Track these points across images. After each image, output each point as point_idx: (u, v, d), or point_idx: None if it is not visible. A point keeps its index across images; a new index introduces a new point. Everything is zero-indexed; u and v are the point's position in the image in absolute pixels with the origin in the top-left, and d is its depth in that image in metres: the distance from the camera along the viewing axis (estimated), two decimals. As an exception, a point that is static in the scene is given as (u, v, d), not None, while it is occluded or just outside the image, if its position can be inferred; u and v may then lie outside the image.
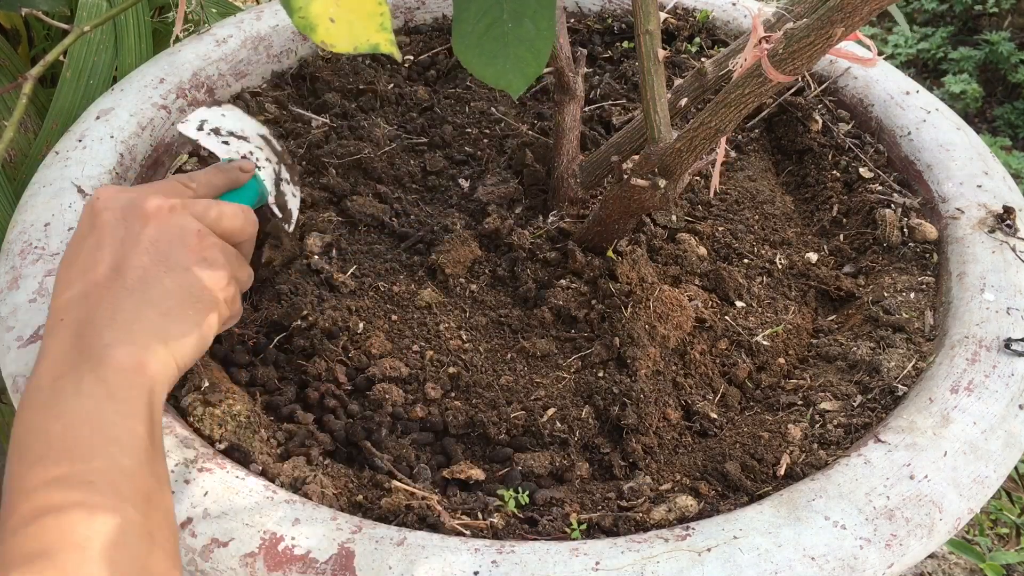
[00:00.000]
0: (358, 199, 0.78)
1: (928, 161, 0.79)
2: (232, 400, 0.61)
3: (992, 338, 0.63)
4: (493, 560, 0.50)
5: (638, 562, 0.50)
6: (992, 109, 2.10)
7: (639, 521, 0.56)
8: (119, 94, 0.81)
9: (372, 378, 0.65)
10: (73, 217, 0.69)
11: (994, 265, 0.68)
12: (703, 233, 0.78)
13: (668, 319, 0.68)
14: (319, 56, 0.94)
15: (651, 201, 0.66)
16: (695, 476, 0.61)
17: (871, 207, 0.78)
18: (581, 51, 0.81)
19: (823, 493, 0.54)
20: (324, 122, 0.86)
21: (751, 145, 0.89)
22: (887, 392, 0.63)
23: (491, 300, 0.72)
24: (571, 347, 0.69)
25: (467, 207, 0.79)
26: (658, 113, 0.63)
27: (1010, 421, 0.58)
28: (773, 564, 0.50)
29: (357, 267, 0.74)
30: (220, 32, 0.90)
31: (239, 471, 0.55)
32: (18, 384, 0.59)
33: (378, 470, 0.60)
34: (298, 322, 0.68)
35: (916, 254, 0.74)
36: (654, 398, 0.65)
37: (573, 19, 1.01)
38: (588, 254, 0.72)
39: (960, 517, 0.54)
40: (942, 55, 2.17)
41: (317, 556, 0.50)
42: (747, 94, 0.57)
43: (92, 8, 0.91)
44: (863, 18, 0.50)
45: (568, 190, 0.77)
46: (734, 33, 0.97)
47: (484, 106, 0.90)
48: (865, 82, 0.87)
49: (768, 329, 0.71)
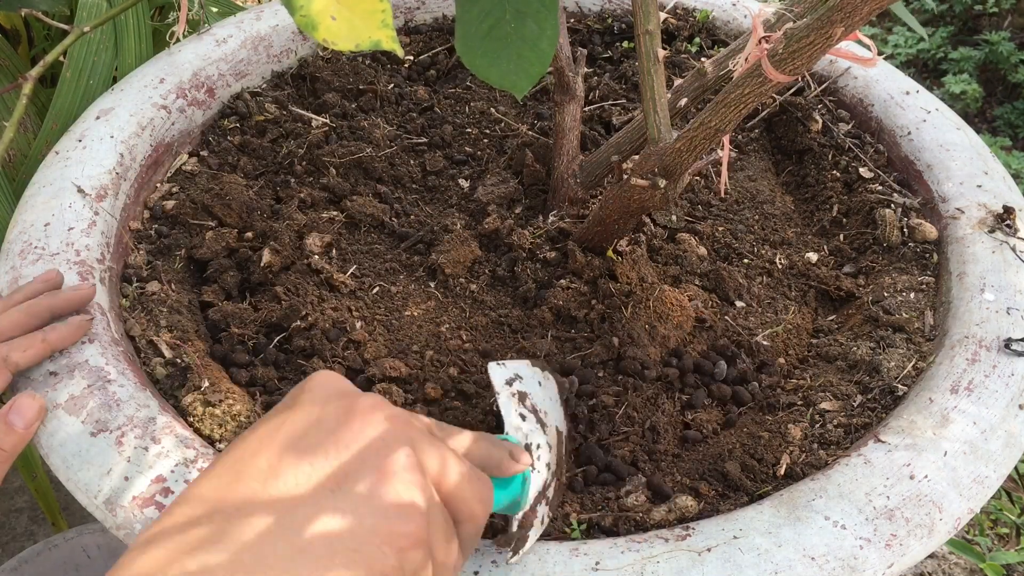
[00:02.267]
0: (358, 199, 0.78)
1: (928, 161, 0.79)
2: (232, 400, 0.61)
3: (992, 338, 0.63)
4: (493, 560, 0.50)
5: (638, 562, 0.50)
6: (992, 109, 2.10)
7: (639, 521, 0.56)
8: (119, 94, 0.81)
9: (372, 378, 0.65)
10: (73, 217, 0.69)
11: (994, 265, 0.68)
12: (703, 233, 0.78)
13: (668, 319, 0.68)
14: (319, 56, 0.94)
15: (651, 201, 0.66)
16: (695, 476, 0.61)
17: (871, 207, 0.78)
18: (581, 51, 0.81)
19: (823, 493, 0.54)
20: (324, 122, 0.86)
21: (751, 145, 0.89)
22: (887, 392, 0.63)
23: (491, 300, 0.72)
24: (571, 347, 0.69)
25: (467, 207, 0.79)
26: (658, 113, 0.63)
27: (1010, 421, 0.58)
28: (773, 564, 0.50)
29: (357, 267, 0.74)
30: (220, 32, 0.90)
31: (239, 471, 0.55)
32: (18, 384, 0.59)
33: (378, 470, 0.60)
34: (298, 322, 0.68)
35: (916, 254, 0.74)
36: (654, 398, 0.65)
37: (573, 19, 1.01)
38: (588, 254, 0.72)
39: (960, 517, 0.54)
40: (942, 55, 2.17)
41: (317, 556, 0.50)
42: (747, 94, 0.57)
43: (92, 8, 0.91)
44: (863, 18, 0.50)
45: (568, 190, 0.77)
46: (734, 33, 0.97)
47: (484, 106, 0.90)
48: (865, 82, 0.88)
49: (768, 329, 0.71)
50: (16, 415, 0.56)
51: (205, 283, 0.73)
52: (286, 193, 0.78)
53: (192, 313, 0.70)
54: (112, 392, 0.58)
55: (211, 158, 0.82)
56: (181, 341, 0.65)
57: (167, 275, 0.71)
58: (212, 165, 0.81)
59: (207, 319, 0.70)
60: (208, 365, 0.64)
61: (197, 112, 0.84)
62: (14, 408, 0.56)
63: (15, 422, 0.55)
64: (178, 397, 0.61)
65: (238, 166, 0.82)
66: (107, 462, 0.54)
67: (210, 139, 0.84)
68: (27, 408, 0.56)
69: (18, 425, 0.55)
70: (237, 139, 0.84)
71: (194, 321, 0.69)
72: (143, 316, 0.67)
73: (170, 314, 0.68)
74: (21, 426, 0.56)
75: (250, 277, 0.72)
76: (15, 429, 0.55)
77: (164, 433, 0.56)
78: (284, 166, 0.82)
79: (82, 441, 0.55)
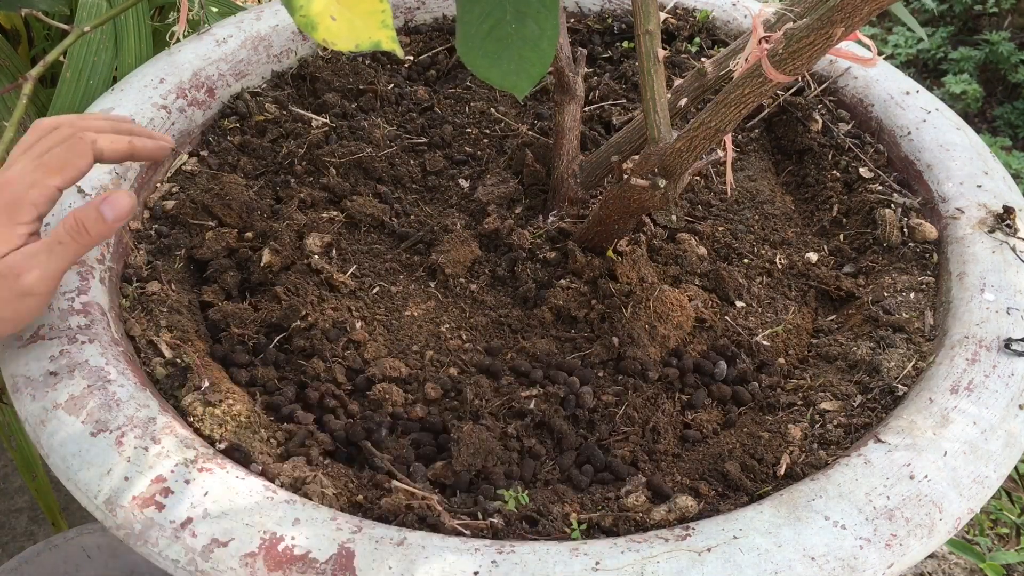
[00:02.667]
0: (358, 199, 0.78)
1: (928, 161, 0.79)
2: (232, 400, 0.61)
3: (992, 338, 0.63)
4: (493, 560, 0.50)
5: (638, 562, 0.50)
6: (992, 109, 2.10)
7: (639, 521, 0.56)
8: (119, 94, 0.81)
9: (372, 378, 0.65)
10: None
11: (994, 265, 0.68)
12: (703, 233, 0.78)
13: (668, 319, 0.68)
14: (319, 56, 0.94)
15: (651, 201, 0.66)
16: (695, 476, 0.61)
17: (871, 207, 0.78)
18: (581, 51, 0.81)
19: (823, 493, 0.54)
20: (324, 122, 0.86)
21: (751, 145, 0.89)
22: (887, 392, 0.63)
23: (491, 300, 0.72)
24: (571, 347, 0.69)
25: (467, 207, 0.79)
26: (658, 113, 0.63)
27: (1010, 421, 0.58)
28: (773, 564, 0.50)
29: (357, 267, 0.74)
30: (220, 32, 0.90)
31: (239, 471, 0.55)
32: (18, 384, 0.59)
33: (378, 470, 0.60)
34: (298, 322, 0.68)
35: (916, 254, 0.74)
36: (654, 398, 0.65)
37: (573, 19, 1.01)
38: (588, 254, 0.72)
39: (960, 517, 0.54)
40: (942, 55, 2.17)
41: (317, 556, 0.50)
42: (747, 94, 0.57)
43: (92, 8, 0.91)
44: (863, 18, 0.50)
45: (568, 190, 0.77)
46: (734, 33, 0.97)
47: (484, 106, 0.90)
48: (865, 82, 0.87)
49: (768, 329, 0.71)
50: (108, 206, 0.59)
51: (205, 283, 0.73)
52: (286, 193, 0.78)
53: (192, 313, 0.70)
54: (112, 392, 0.58)
55: (211, 158, 0.82)
56: (181, 341, 0.65)
57: (167, 275, 0.71)
58: (212, 165, 0.81)
59: (207, 319, 0.70)
60: (208, 365, 0.64)
61: (197, 112, 0.84)
62: (108, 200, 0.59)
63: (106, 212, 0.59)
64: (178, 397, 0.61)
65: (238, 166, 0.82)
66: (107, 462, 0.54)
67: (210, 139, 0.84)
68: (120, 202, 0.60)
69: (108, 216, 0.59)
70: (237, 139, 0.84)
71: (194, 321, 0.69)
72: (143, 316, 0.67)
73: (170, 314, 0.68)
74: (111, 217, 0.59)
75: (250, 277, 0.72)
76: (105, 219, 0.59)
77: (164, 433, 0.56)
78: (284, 166, 0.82)
79: (82, 441, 0.56)
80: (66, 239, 0.59)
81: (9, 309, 0.58)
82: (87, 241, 0.59)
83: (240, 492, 0.53)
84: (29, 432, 0.58)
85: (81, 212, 0.59)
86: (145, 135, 0.67)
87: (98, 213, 0.59)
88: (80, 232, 0.59)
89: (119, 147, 0.63)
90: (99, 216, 0.59)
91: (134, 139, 0.64)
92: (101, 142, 0.62)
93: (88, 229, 0.59)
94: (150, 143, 0.66)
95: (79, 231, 0.59)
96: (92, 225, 0.59)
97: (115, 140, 0.63)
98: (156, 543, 0.51)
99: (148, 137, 0.67)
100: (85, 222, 0.59)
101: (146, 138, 0.66)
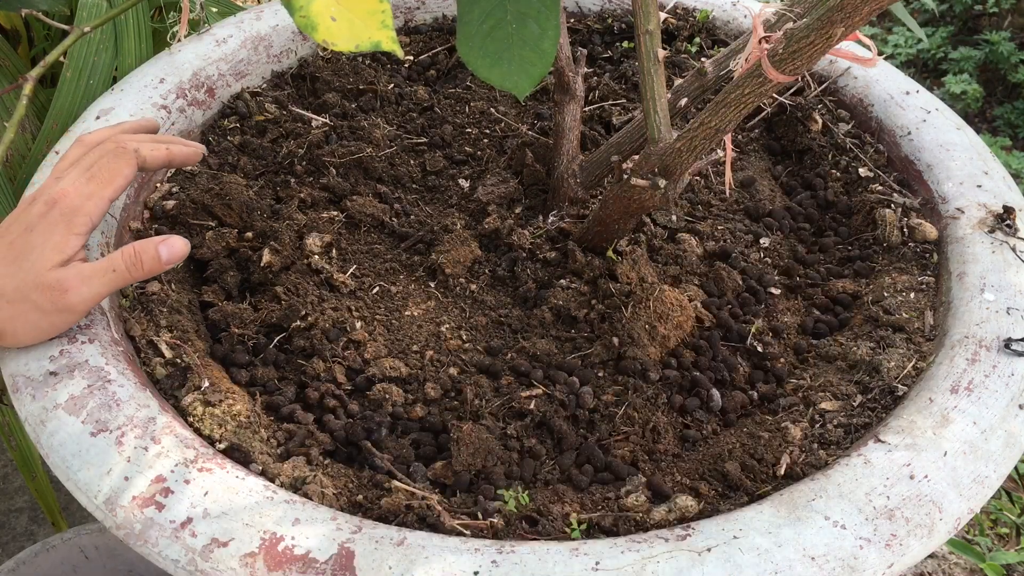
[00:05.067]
0: (358, 199, 0.78)
1: (928, 161, 0.79)
2: (232, 400, 0.61)
3: (992, 338, 0.63)
4: (493, 560, 0.50)
5: (638, 562, 0.50)
6: (992, 109, 2.10)
7: (639, 521, 0.56)
8: (119, 94, 0.81)
9: (372, 378, 0.65)
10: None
11: (994, 265, 0.68)
12: (703, 233, 0.78)
13: (668, 319, 0.68)
14: (319, 56, 0.94)
15: (651, 201, 0.66)
16: (695, 476, 0.61)
17: (871, 207, 0.78)
18: (581, 51, 0.81)
19: (823, 493, 0.54)
20: (324, 122, 0.86)
21: (751, 145, 0.89)
22: (887, 392, 0.63)
23: (491, 300, 0.72)
24: (571, 347, 0.69)
25: (467, 207, 0.79)
26: (658, 113, 0.63)
27: (1010, 421, 0.58)
28: (773, 564, 0.50)
29: (357, 267, 0.74)
30: (220, 32, 0.90)
31: (239, 471, 0.55)
32: (18, 384, 0.59)
33: (378, 470, 0.60)
34: (298, 322, 0.68)
35: (916, 254, 0.74)
36: (654, 398, 0.65)
37: (573, 19, 1.01)
38: (588, 254, 0.72)
39: (960, 517, 0.54)
40: (942, 55, 2.17)
41: (317, 556, 0.50)
42: (747, 94, 0.57)
43: (92, 8, 0.91)
44: (863, 18, 0.50)
45: (568, 190, 0.77)
46: (734, 33, 0.97)
47: (484, 106, 0.90)
48: (865, 82, 0.87)
49: (768, 329, 0.71)
50: (165, 247, 0.62)
51: (205, 283, 0.73)
52: (286, 193, 0.78)
53: (192, 313, 0.70)
54: (112, 392, 0.58)
55: (211, 158, 0.82)
56: (181, 341, 0.66)
57: (167, 275, 0.71)
58: (212, 165, 0.81)
59: (207, 319, 0.70)
60: (208, 365, 0.65)
61: (197, 112, 0.84)
62: (167, 241, 0.62)
63: (163, 252, 0.62)
64: (178, 397, 0.61)
65: (238, 166, 0.82)
66: (107, 462, 0.54)
67: (210, 139, 0.84)
68: (176, 245, 0.63)
69: (164, 255, 0.62)
70: (237, 139, 0.84)
71: (194, 321, 0.69)
72: (143, 316, 0.67)
73: (170, 314, 0.68)
74: (166, 258, 0.62)
75: (250, 277, 0.72)
76: (160, 257, 0.62)
77: (164, 433, 0.56)
78: (284, 166, 0.82)
79: (82, 441, 0.56)
80: (121, 267, 0.61)
81: (45, 321, 0.59)
82: (138, 275, 0.61)
83: (240, 492, 0.53)
84: (29, 432, 0.58)
85: (141, 246, 0.61)
86: (179, 143, 0.69)
87: (156, 251, 0.62)
88: (136, 265, 0.61)
89: (159, 155, 0.66)
90: (157, 254, 0.62)
91: (171, 146, 0.67)
92: (143, 151, 0.64)
93: (143, 264, 0.61)
94: (186, 149, 0.69)
95: (136, 264, 0.61)
96: (148, 261, 0.61)
97: (155, 148, 0.66)
98: (156, 543, 0.51)
99: (182, 144, 0.69)
100: (143, 256, 0.61)
101: (181, 145, 0.69)
